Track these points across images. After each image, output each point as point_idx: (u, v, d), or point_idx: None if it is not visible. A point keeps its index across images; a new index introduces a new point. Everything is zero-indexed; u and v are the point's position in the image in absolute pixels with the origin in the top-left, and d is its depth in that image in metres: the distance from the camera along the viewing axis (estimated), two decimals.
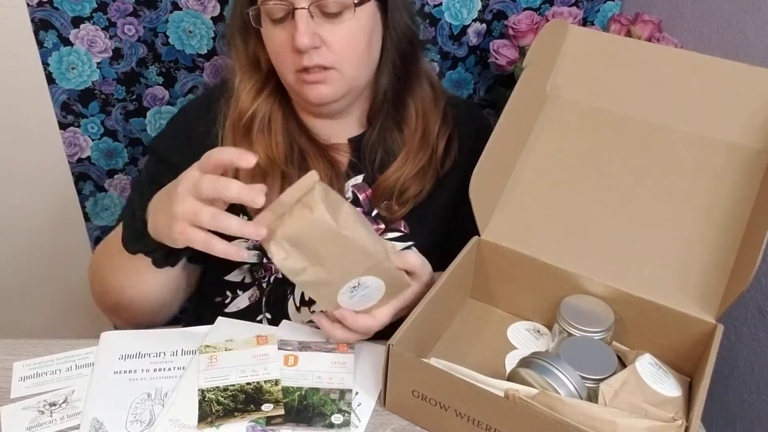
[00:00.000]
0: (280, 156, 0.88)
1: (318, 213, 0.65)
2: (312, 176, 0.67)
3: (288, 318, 0.90)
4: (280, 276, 0.91)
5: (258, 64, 0.90)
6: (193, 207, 0.67)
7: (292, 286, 0.91)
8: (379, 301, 0.75)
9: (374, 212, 0.93)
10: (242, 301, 0.92)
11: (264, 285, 0.92)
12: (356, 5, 0.81)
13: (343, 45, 0.82)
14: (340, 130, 0.95)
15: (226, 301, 0.93)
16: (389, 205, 0.92)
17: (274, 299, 0.92)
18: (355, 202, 0.93)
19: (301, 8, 0.79)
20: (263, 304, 0.92)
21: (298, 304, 0.91)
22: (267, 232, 0.67)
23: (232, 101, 0.91)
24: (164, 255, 0.78)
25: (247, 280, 0.92)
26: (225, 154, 0.68)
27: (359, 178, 0.94)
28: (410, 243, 0.93)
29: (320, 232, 0.66)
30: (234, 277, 0.92)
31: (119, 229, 0.82)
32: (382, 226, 0.94)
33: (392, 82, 0.92)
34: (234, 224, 0.67)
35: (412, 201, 0.92)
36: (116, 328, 0.91)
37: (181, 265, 0.84)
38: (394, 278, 0.73)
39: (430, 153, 0.93)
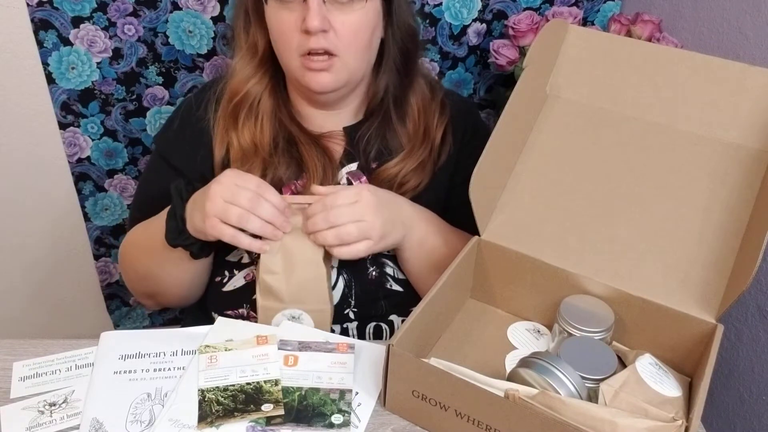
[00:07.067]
0: (264, 143, 0.92)
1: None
2: None
3: None
4: None
5: (256, 50, 0.93)
6: (223, 206, 0.78)
7: None
8: None
9: None
10: (239, 280, 0.94)
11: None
12: None
13: (350, 33, 0.85)
14: (333, 120, 0.97)
15: (224, 281, 0.94)
16: None
17: None
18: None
19: None
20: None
21: None
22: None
23: (228, 83, 0.94)
24: (200, 248, 0.86)
25: (245, 260, 0.94)
26: (266, 209, 0.79)
27: (353, 166, 0.95)
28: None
29: (310, 256, 0.82)
30: (233, 256, 0.94)
31: (154, 224, 0.89)
32: None
33: (393, 78, 0.95)
34: (256, 223, 0.79)
35: (410, 193, 0.93)
36: (116, 327, 0.91)
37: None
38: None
39: (430, 147, 0.95)
